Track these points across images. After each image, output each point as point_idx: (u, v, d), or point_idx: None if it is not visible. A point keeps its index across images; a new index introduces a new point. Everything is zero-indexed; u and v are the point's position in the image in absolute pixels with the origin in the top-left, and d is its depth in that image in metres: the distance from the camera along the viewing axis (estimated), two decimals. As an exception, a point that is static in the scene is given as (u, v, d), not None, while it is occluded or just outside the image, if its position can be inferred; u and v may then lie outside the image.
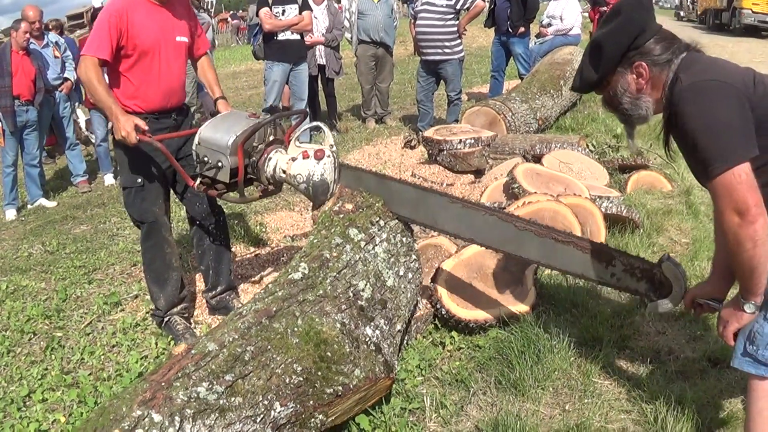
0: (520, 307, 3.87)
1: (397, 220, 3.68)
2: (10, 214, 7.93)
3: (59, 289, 5.10)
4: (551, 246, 3.28)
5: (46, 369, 4.03)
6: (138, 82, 3.96)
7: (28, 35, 8.07)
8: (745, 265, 2.27)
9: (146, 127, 3.80)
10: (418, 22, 8.66)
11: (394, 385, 3.38)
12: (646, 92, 2.56)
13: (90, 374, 3.93)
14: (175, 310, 4.32)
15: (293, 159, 3.74)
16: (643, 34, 2.52)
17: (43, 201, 8.31)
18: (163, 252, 4.23)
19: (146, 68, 3.98)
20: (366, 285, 3.25)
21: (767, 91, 2.37)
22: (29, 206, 8.25)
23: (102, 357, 4.15)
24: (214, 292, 4.56)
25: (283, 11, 8.34)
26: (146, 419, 2.20)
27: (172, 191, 4.39)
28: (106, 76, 3.96)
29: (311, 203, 3.86)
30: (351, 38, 10.33)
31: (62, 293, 5.01)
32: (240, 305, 4.40)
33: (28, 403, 3.71)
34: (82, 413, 3.52)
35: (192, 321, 4.53)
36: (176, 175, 4.25)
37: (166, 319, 4.31)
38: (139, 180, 4.08)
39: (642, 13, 2.57)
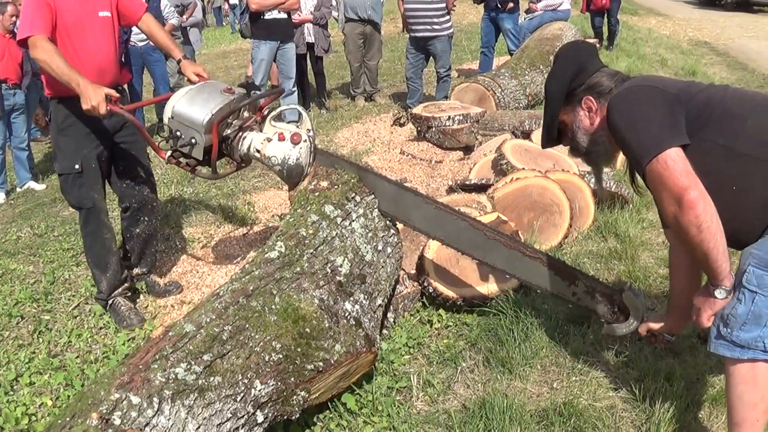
0: (508, 284, 3.86)
1: (373, 196, 3.67)
2: (-1, 197, 7.88)
3: (47, 272, 5.07)
4: (519, 258, 3.38)
5: (34, 352, 4.02)
6: (69, 62, 3.77)
7: (14, 18, 7.96)
8: (697, 251, 2.27)
9: (118, 95, 3.72)
10: (406, -2, 8.60)
11: (381, 365, 3.38)
12: (598, 127, 2.63)
13: (77, 357, 3.92)
14: (117, 291, 4.34)
15: (268, 139, 3.71)
16: (583, 71, 2.66)
17: (31, 184, 8.23)
18: (102, 237, 4.23)
19: (75, 47, 3.87)
20: (344, 260, 3.25)
21: (709, 91, 2.45)
22: (18, 189, 8.17)
23: (89, 339, 4.13)
24: (134, 271, 4.63)
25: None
26: (124, 402, 2.19)
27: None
28: None
29: (286, 184, 3.87)
30: (338, 17, 10.25)
31: (50, 276, 4.98)
32: (160, 284, 4.64)
33: (15, 386, 3.69)
34: (68, 396, 3.51)
35: (137, 302, 4.58)
36: (110, 164, 4.25)
37: (110, 302, 4.33)
38: (77, 166, 4.02)
39: (578, 54, 2.73)
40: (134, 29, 8.67)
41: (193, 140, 3.64)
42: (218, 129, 3.65)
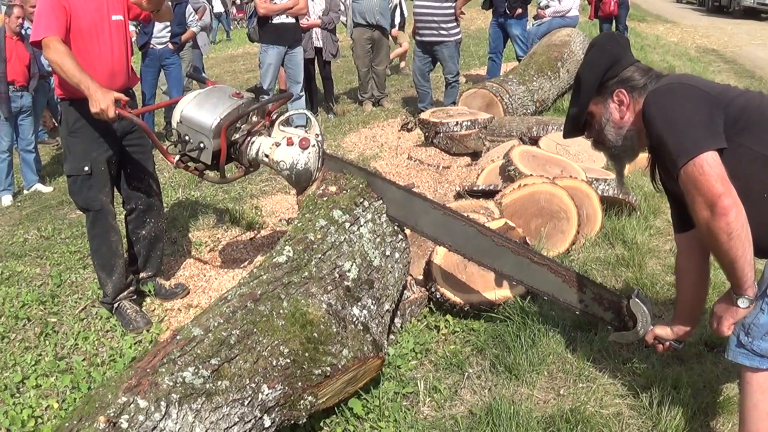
0: (515, 291, 3.85)
1: (381, 201, 3.67)
2: (6, 199, 7.88)
3: (54, 274, 5.07)
4: (526, 265, 3.36)
5: (40, 355, 4.02)
6: (81, 65, 3.78)
7: (21, 20, 7.98)
8: (725, 258, 2.26)
9: (127, 99, 3.76)
10: (415, 2, 8.60)
11: (387, 370, 3.37)
12: (629, 121, 2.61)
13: (84, 360, 3.92)
14: (122, 295, 4.34)
15: (277, 144, 3.71)
16: (618, 63, 2.63)
17: (39, 186, 8.25)
18: (109, 239, 4.24)
19: (88, 50, 3.91)
20: (352, 266, 3.25)
21: (746, 96, 2.42)
22: (25, 192, 8.20)
23: (96, 342, 4.13)
24: (141, 275, 4.65)
25: (279, -6, 8.27)
26: (132, 405, 2.19)
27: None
28: None
29: (294, 189, 3.87)
30: (345, 22, 10.25)
31: (57, 279, 4.98)
32: (167, 286, 4.64)
33: (21, 389, 3.70)
34: (75, 399, 3.51)
35: (143, 305, 4.59)
36: (119, 167, 4.28)
37: (115, 305, 4.34)
38: (86, 168, 4.05)
39: (615, 46, 2.69)
40: (155, 32, 8.75)
41: (202, 145, 3.64)
42: (227, 133, 3.65)
